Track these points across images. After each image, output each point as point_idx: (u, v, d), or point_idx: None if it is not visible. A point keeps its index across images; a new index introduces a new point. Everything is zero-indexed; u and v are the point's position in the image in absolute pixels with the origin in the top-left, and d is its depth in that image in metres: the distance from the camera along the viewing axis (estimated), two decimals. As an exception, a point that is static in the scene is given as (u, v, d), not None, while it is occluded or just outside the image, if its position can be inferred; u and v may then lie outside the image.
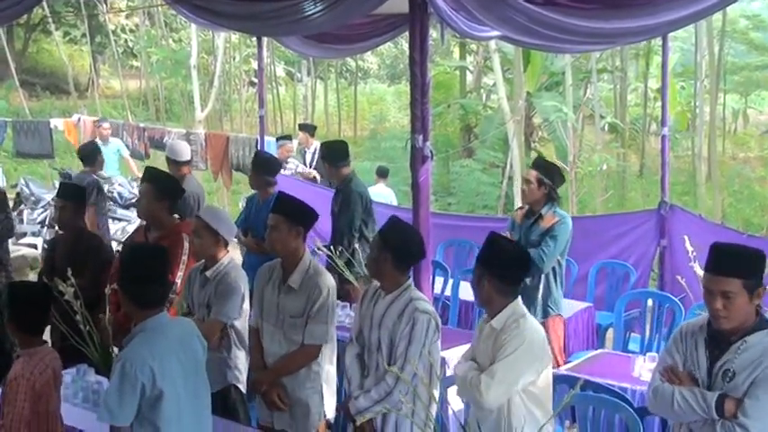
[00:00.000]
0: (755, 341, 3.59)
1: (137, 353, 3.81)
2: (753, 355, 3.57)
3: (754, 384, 3.52)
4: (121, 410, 3.76)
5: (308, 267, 4.97)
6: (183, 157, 8.46)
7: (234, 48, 26.00)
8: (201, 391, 4.17)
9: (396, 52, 35.24)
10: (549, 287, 6.46)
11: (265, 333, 5.05)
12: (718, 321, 3.62)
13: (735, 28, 24.75)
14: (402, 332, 4.52)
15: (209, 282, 5.27)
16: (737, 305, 3.57)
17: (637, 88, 23.41)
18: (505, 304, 4.21)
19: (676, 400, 3.66)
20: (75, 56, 33.15)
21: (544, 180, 6.42)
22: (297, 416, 4.97)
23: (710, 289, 3.62)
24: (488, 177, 17.58)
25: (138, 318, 3.97)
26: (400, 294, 4.65)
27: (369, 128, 29.21)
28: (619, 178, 19.02)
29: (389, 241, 4.64)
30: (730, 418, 3.54)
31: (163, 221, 5.85)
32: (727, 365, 3.61)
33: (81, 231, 6.53)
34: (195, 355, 4.12)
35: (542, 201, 6.46)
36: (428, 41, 5.17)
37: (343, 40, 8.73)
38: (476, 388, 4.03)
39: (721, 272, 3.60)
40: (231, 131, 20.31)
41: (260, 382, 4.99)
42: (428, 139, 5.08)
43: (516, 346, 4.06)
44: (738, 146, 27.14)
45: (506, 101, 15.66)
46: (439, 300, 7.59)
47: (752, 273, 3.61)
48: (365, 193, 7.79)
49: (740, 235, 7.70)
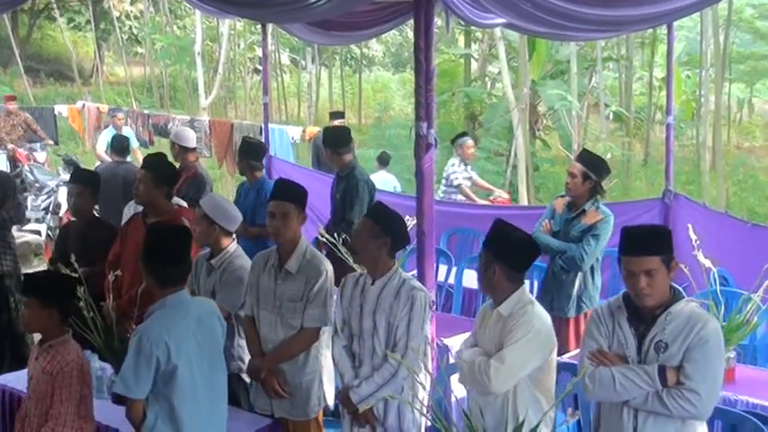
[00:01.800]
0: (678, 311, 3.78)
1: (153, 328, 3.93)
2: (680, 324, 3.75)
3: (689, 350, 3.70)
4: (137, 384, 3.88)
5: (304, 251, 4.97)
6: (190, 144, 8.48)
7: (238, 35, 25.96)
8: (218, 369, 4.26)
9: (400, 40, 35.20)
10: (585, 283, 6.38)
11: (262, 320, 5.02)
12: (642, 299, 3.79)
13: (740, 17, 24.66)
14: (401, 313, 4.54)
15: (215, 270, 5.29)
16: (659, 281, 3.76)
17: (642, 77, 23.36)
18: (513, 291, 4.23)
19: (618, 381, 3.77)
20: (79, 42, 33.18)
21: (589, 174, 6.24)
22: (297, 402, 4.96)
23: (633, 270, 3.77)
24: (493, 166, 17.55)
25: (159, 295, 4.09)
26: (391, 278, 4.65)
27: (373, 116, 29.18)
28: (623, 167, 18.99)
29: (388, 226, 4.64)
30: (675, 386, 3.69)
31: (162, 207, 5.86)
32: (658, 337, 3.78)
33: (94, 220, 6.51)
34: (213, 335, 4.21)
35: (586, 195, 6.29)
36: (433, 29, 5.16)
37: (347, 28, 8.72)
38: (484, 373, 4.05)
39: (640, 252, 3.77)
40: (235, 119, 20.34)
41: (259, 368, 4.97)
42: (432, 127, 5.07)
43: (525, 332, 4.09)
44: (743, 135, 27.11)
45: (511, 89, 15.63)
46: (442, 288, 7.60)
47: (666, 249, 3.80)
48: (371, 181, 7.79)
49: (744, 224, 7.70)
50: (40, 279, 4.49)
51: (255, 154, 7.85)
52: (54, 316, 4.30)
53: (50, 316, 4.29)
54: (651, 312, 3.82)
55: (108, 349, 5.04)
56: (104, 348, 5.07)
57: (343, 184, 7.66)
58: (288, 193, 5.01)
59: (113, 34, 29.07)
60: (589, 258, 6.23)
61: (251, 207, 7.45)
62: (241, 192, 7.88)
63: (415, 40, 5.07)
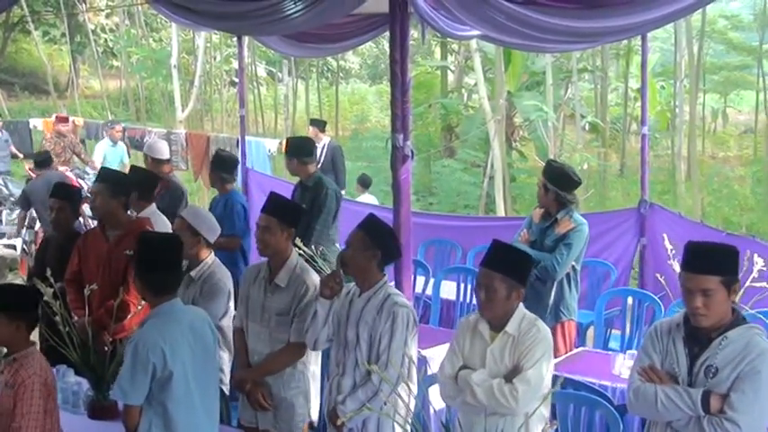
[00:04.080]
0: (736, 336, 3.60)
1: (149, 335, 3.97)
2: (735, 350, 3.57)
3: (739, 379, 3.53)
4: (134, 390, 3.94)
5: (294, 266, 4.97)
6: (163, 156, 8.44)
7: (215, 47, 25.93)
8: (211, 376, 4.31)
9: (377, 52, 35.26)
10: (561, 292, 6.38)
11: (251, 332, 5.03)
12: (697, 319, 3.63)
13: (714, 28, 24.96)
14: (383, 328, 4.52)
15: (194, 282, 5.26)
16: (716, 302, 3.58)
17: (617, 88, 23.55)
18: (515, 308, 4.21)
19: (660, 400, 3.64)
20: (54, 55, 32.97)
21: (548, 185, 6.30)
22: (281, 416, 4.95)
23: (689, 288, 3.61)
24: (469, 177, 17.61)
25: (153, 303, 4.15)
26: (377, 291, 4.64)
27: (350, 128, 29.18)
28: (599, 177, 19.11)
29: (378, 239, 4.62)
30: (717, 414, 3.55)
31: (120, 219, 5.83)
32: (710, 362, 3.61)
33: (74, 234, 6.43)
34: (205, 342, 4.24)
35: (555, 205, 6.33)
36: (408, 41, 5.17)
37: (323, 40, 8.72)
38: (510, 396, 3.98)
39: (700, 270, 3.60)
40: (212, 131, 20.27)
41: (244, 380, 4.96)
42: (408, 138, 5.08)
43: (544, 350, 4.08)
44: (718, 145, 27.33)
45: (487, 100, 15.68)
46: (420, 299, 7.61)
47: (728, 269, 3.63)
48: (338, 191, 7.83)
49: (719, 233, 7.74)
50: (7, 292, 4.42)
51: (227, 167, 7.86)
52: (21, 329, 4.25)
53: (17, 329, 4.23)
54: (708, 335, 3.66)
55: (84, 364, 4.99)
56: (80, 363, 5.03)
57: (310, 194, 7.65)
58: (272, 207, 5.02)
59: (89, 47, 28.92)
60: (561, 267, 6.24)
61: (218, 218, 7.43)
62: (212, 204, 7.88)
63: (391, 51, 5.09)
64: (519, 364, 4.08)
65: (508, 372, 4.11)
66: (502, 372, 4.11)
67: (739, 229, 14.34)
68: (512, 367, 4.11)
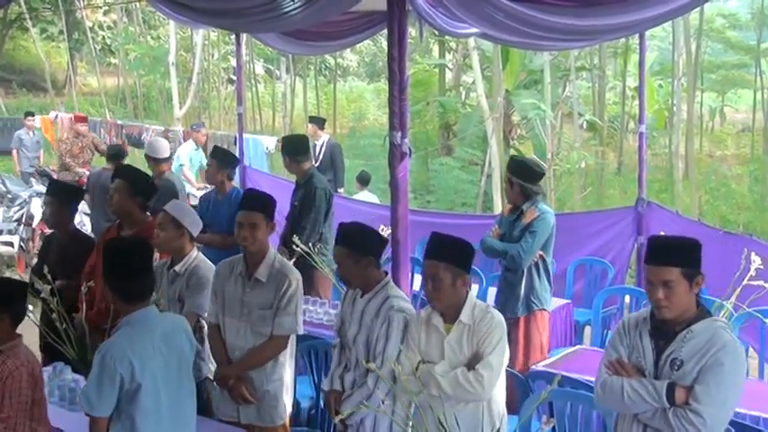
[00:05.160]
0: (701, 329, 3.68)
1: (117, 345, 3.84)
2: (699, 343, 3.65)
3: (703, 371, 3.60)
4: (100, 402, 3.80)
5: (273, 260, 4.98)
6: (162, 155, 8.43)
7: (212, 45, 25.92)
8: (185, 386, 4.18)
9: (375, 50, 35.31)
10: (531, 281, 6.46)
11: (229, 328, 5.01)
12: (660, 311, 3.72)
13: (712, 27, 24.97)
14: (379, 332, 4.56)
15: (180, 276, 5.25)
16: (678, 294, 3.67)
17: (615, 86, 23.55)
18: (464, 297, 4.29)
19: (626, 392, 3.72)
20: (52, 53, 32.98)
21: (512, 179, 6.48)
22: (265, 408, 4.97)
23: (651, 280, 3.72)
24: (467, 175, 17.60)
25: (125, 312, 3.99)
26: (378, 292, 4.68)
27: (348, 126, 29.19)
28: (597, 176, 19.12)
29: (363, 247, 4.67)
30: (682, 406, 3.62)
31: (135, 218, 5.81)
32: (675, 354, 3.69)
33: (74, 232, 6.41)
34: (180, 351, 4.12)
35: (521, 198, 6.48)
36: (406, 38, 5.17)
37: (322, 38, 8.71)
38: (476, 383, 4.09)
39: (660, 261, 3.70)
40: (210, 129, 20.27)
41: (226, 376, 4.96)
42: (406, 136, 5.08)
43: (500, 334, 4.18)
44: (715, 144, 27.36)
45: (485, 99, 15.68)
46: (417, 296, 7.60)
47: (689, 261, 3.71)
48: (328, 189, 7.80)
49: (716, 232, 7.76)
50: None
51: (230, 163, 7.79)
52: (6, 321, 4.25)
53: (2, 321, 4.24)
54: (673, 328, 3.74)
55: (81, 361, 4.99)
56: (77, 360, 5.03)
57: (301, 192, 7.66)
58: (256, 203, 5.03)
59: (86, 44, 28.92)
60: (527, 254, 6.33)
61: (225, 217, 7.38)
62: (207, 203, 7.77)
63: (389, 49, 5.08)
64: (479, 350, 4.17)
65: (468, 360, 4.19)
66: (462, 361, 4.20)
67: (736, 227, 14.33)
68: (470, 355, 4.21)
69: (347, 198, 11.26)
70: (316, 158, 11.80)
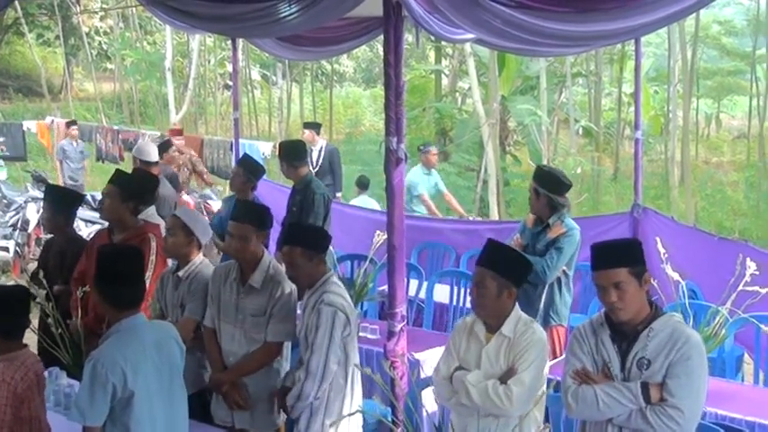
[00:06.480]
0: (661, 326, 3.74)
1: (108, 354, 3.80)
2: (662, 339, 3.71)
3: (672, 366, 3.67)
4: (92, 411, 3.75)
5: (267, 267, 4.98)
6: (151, 158, 8.42)
7: (209, 51, 25.93)
8: (177, 393, 4.15)
9: (371, 56, 35.34)
10: (552, 296, 6.36)
11: (224, 333, 5.02)
12: (616, 313, 3.76)
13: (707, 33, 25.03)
14: (310, 325, 4.65)
15: (182, 282, 5.25)
16: (630, 293, 3.72)
17: (611, 93, 23.61)
18: (510, 309, 4.25)
19: (601, 399, 3.74)
20: (48, 58, 32.98)
21: (539, 189, 6.29)
22: (259, 414, 4.97)
23: (602, 284, 3.76)
24: (463, 181, 17.62)
25: (115, 319, 3.95)
26: (317, 288, 4.77)
27: (344, 131, 29.24)
28: (593, 182, 19.15)
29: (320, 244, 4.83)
30: (658, 402, 3.67)
31: (127, 223, 5.77)
32: (641, 354, 3.74)
33: (73, 236, 6.40)
34: (171, 358, 4.10)
35: (546, 210, 6.31)
36: (402, 44, 5.17)
37: (318, 43, 8.71)
38: (504, 397, 4.04)
39: (606, 265, 3.77)
40: (206, 134, 20.28)
41: (221, 381, 4.96)
42: (402, 142, 5.08)
43: (539, 351, 4.13)
44: (711, 150, 27.42)
45: (481, 104, 15.70)
46: (413, 302, 7.60)
47: (633, 260, 3.78)
48: (327, 194, 7.79)
49: (712, 237, 7.76)
50: None
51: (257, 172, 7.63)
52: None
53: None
54: (633, 329, 3.78)
55: (76, 366, 4.99)
56: (73, 365, 5.03)
57: (299, 197, 7.65)
58: (246, 214, 5.03)
59: (83, 50, 28.94)
60: (551, 271, 6.23)
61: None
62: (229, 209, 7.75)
63: (385, 55, 5.08)
64: (514, 365, 4.12)
65: (503, 373, 4.14)
66: (497, 373, 4.15)
67: (732, 233, 14.36)
68: (506, 369, 4.14)
69: (345, 204, 11.25)
70: (314, 164, 11.81)
